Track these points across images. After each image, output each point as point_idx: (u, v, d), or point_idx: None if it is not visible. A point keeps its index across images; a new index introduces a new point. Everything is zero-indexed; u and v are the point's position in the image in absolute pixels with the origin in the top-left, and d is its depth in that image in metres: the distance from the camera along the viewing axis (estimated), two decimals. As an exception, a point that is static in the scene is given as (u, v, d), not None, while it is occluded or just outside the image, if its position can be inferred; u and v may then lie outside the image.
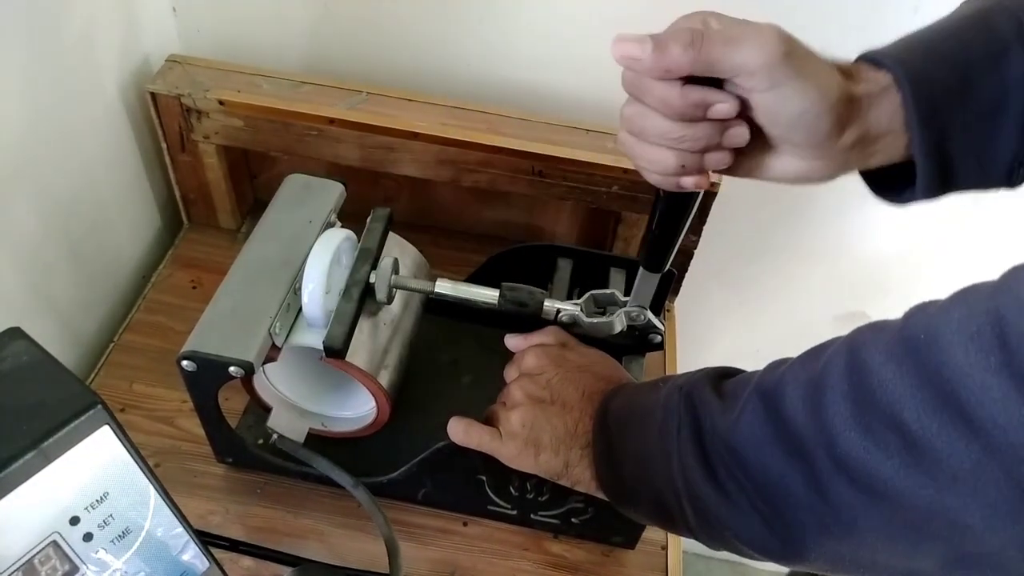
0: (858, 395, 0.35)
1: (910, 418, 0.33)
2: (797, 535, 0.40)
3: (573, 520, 0.66)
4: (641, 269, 0.54)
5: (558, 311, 0.59)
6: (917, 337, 0.34)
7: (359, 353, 0.59)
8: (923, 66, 0.40)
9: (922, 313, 0.35)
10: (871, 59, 0.42)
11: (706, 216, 0.76)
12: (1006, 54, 0.40)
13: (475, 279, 0.69)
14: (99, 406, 0.37)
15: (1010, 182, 0.43)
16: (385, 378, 0.61)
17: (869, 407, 0.35)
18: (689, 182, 0.43)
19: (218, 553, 0.49)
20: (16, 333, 0.38)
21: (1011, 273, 0.32)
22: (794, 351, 0.44)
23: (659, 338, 0.60)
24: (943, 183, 0.42)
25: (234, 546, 0.64)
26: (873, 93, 0.41)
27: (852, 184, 0.99)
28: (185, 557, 0.45)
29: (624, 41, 0.39)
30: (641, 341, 0.60)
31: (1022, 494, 0.31)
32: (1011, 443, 0.30)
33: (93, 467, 0.38)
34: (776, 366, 0.42)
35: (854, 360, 0.36)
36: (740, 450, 0.41)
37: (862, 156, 0.42)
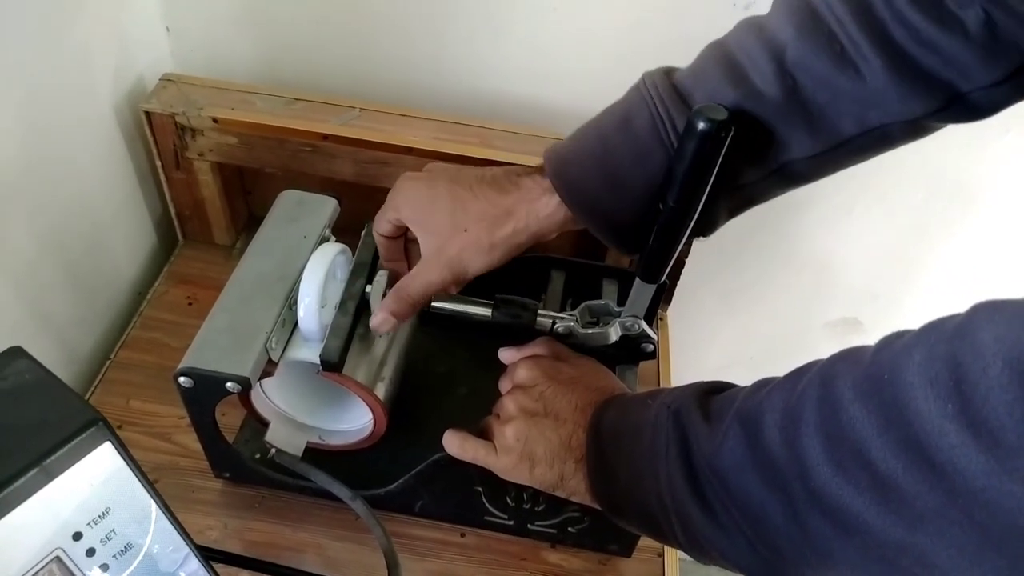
0: (829, 430, 0.36)
1: (877, 457, 0.33)
2: (779, 560, 0.40)
3: (570, 529, 0.66)
4: (637, 279, 0.54)
5: (553, 322, 0.59)
6: (882, 377, 0.34)
7: (356, 366, 0.60)
8: (576, 174, 0.51)
9: (888, 350, 0.35)
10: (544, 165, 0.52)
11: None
12: (649, 155, 0.49)
13: (469, 291, 0.69)
14: (100, 423, 0.37)
15: (702, 234, 0.53)
16: (382, 391, 0.62)
17: (840, 443, 0.35)
18: None
19: (217, 567, 0.49)
20: (18, 352, 0.39)
21: (972, 314, 0.32)
22: (786, 358, 0.45)
23: (651, 347, 0.61)
24: (637, 243, 0.53)
25: (233, 560, 0.64)
26: (538, 201, 0.52)
27: (841, 194, 1.00)
28: (185, 572, 0.46)
29: None
30: (634, 351, 0.61)
31: (985, 538, 0.31)
32: (970, 489, 0.30)
33: (95, 483, 0.38)
34: (759, 388, 0.42)
35: (827, 393, 0.37)
36: (723, 475, 0.41)
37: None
